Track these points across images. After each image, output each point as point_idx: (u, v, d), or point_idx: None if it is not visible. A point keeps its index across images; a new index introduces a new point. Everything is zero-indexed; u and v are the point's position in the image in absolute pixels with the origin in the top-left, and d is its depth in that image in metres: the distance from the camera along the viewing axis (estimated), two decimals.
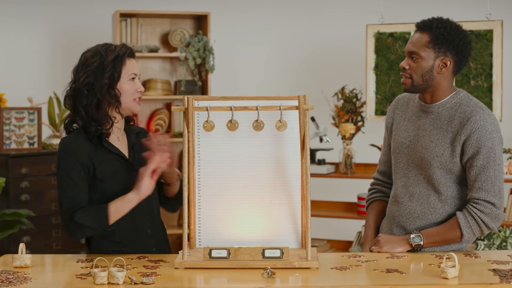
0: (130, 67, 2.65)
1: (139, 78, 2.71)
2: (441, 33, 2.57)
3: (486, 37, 4.85)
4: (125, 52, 2.64)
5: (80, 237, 2.63)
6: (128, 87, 2.64)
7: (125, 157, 2.67)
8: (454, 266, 2.22)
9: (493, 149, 2.55)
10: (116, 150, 2.65)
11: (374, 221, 2.85)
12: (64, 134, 5.07)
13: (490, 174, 2.55)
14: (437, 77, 2.61)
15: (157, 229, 2.74)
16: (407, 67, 2.63)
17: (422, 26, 2.61)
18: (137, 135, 2.77)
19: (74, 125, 2.65)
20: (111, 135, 2.66)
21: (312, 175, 4.98)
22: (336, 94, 5.17)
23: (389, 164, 2.85)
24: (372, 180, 2.96)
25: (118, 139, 2.70)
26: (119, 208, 2.54)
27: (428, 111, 2.67)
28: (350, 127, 5.06)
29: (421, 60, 2.60)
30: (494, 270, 2.30)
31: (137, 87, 2.67)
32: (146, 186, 2.53)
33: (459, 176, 2.62)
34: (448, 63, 2.60)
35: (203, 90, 5.37)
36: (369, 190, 2.95)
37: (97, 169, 2.60)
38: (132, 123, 2.80)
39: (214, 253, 2.35)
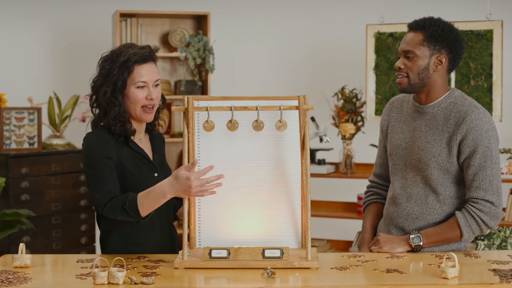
0: (139, 74, 2.56)
1: (156, 85, 2.60)
2: (435, 30, 2.59)
3: (486, 37, 4.84)
4: (135, 58, 2.54)
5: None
6: (134, 95, 2.57)
7: (149, 158, 2.65)
8: (454, 266, 2.22)
9: (489, 148, 2.55)
10: (141, 151, 2.63)
11: (371, 223, 2.85)
12: (65, 134, 5.13)
13: (488, 173, 2.55)
14: (433, 75, 2.62)
15: (170, 230, 2.73)
16: (402, 67, 2.64)
17: (415, 26, 2.63)
18: (157, 138, 2.76)
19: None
20: (134, 136, 2.64)
21: (312, 175, 4.98)
22: (336, 94, 5.17)
23: (385, 166, 2.86)
24: (368, 183, 2.97)
25: (141, 141, 2.68)
26: (150, 201, 2.41)
27: (423, 111, 2.67)
28: (350, 127, 5.06)
29: (416, 58, 2.61)
30: (494, 270, 2.30)
31: (146, 94, 2.58)
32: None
33: (457, 176, 2.62)
34: (444, 60, 2.61)
35: (203, 90, 5.37)
36: (366, 192, 2.96)
37: (123, 166, 2.56)
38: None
39: (214, 253, 2.35)
